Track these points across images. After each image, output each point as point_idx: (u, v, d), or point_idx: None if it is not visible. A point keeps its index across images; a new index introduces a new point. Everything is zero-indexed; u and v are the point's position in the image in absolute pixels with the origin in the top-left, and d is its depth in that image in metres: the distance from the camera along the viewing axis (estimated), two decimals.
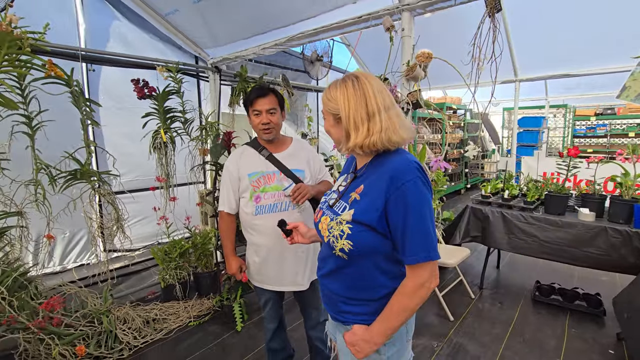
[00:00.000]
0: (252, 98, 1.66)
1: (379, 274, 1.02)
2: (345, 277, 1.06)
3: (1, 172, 2.25)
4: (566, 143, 7.86)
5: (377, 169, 1.00)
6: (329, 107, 1.02)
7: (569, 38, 4.13)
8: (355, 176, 1.08)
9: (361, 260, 1.01)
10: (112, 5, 3.48)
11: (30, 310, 2.12)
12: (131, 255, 3.77)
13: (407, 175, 0.93)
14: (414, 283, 0.94)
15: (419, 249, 0.92)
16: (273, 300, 1.85)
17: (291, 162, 1.73)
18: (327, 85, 1.06)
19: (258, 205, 1.69)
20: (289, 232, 1.33)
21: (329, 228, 1.04)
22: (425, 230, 0.92)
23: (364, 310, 1.04)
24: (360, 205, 0.99)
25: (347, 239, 0.98)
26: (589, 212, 2.69)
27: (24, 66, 2.13)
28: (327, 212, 1.09)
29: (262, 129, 1.67)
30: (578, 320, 2.71)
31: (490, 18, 1.73)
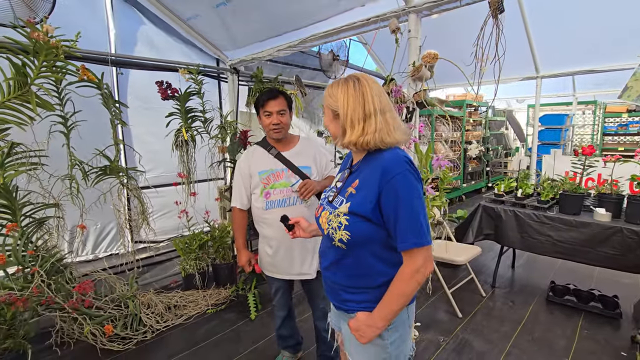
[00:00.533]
0: (264, 100, 1.78)
1: (376, 261, 1.08)
2: (345, 267, 1.12)
3: (41, 168, 2.48)
4: (595, 141, 7.53)
5: (370, 164, 1.07)
6: (329, 103, 1.09)
7: (594, 32, 3.99)
8: (350, 172, 1.16)
9: (358, 249, 1.07)
10: (139, 11, 3.70)
11: (65, 292, 2.35)
12: (156, 247, 4.02)
13: (397, 169, 0.99)
14: (410, 269, 1.00)
15: (410, 236, 0.98)
16: (283, 289, 1.99)
17: (298, 160, 1.84)
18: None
19: (268, 200, 1.81)
20: (291, 226, 1.40)
21: (328, 221, 1.11)
22: (415, 218, 0.99)
23: (366, 297, 1.10)
24: (356, 198, 1.06)
25: (344, 230, 1.05)
26: (605, 212, 2.63)
27: (60, 71, 2.34)
28: (327, 207, 1.17)
29: (272, 129, 1.79)
30: (592, 322, 2.66)
31: (493, 19, 1.75)
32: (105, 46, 3.52)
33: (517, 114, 9.76)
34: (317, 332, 2.02)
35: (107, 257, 3.73)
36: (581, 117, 7.72)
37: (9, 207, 2.36)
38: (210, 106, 3.39)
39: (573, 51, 4.30)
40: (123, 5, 3.61)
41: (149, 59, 3.44)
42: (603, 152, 7.42)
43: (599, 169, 3.11)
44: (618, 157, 2.71)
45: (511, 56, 4.24)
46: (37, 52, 2.14)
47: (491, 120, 7.74)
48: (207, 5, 2.97)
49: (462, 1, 1.93)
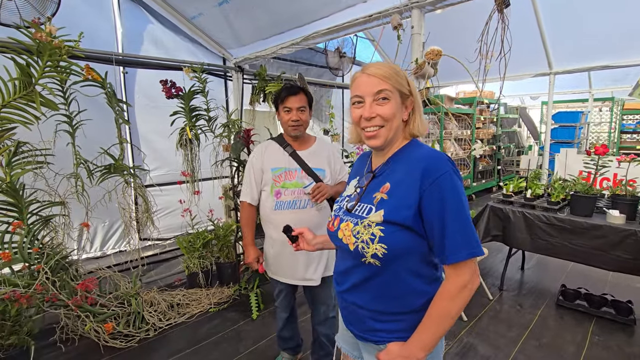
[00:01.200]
0: (284, 96, 1.73)
1: (414, 278, 0.93)
2: (375, 287, 0.95)
3: (47, 166, 2.52)
4: (613, 139, 7.28)
5: (402, 165, 0.95)
6: (397, 83, 0.93)
7: (609, 26, 3.83)
8: (374, 175, 1.01)
9: (395, 264, 0.92)
10: (146, 11, 3.72)
11: (70, 290, 2.38)
12: (162, 244, 4.06)
13: (441, 168, 0.87)
14: (456, 285, 0.86)
15: (461, 246, 0.84)
16: (286, 291, 1.94)
17: (313, 161, 1.78)
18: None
19: (278, 200, 1.75)
20: (294, 238, 1.29)
21: (355, 234, 0.94)
22: (466, 225, 0.86)
23: (399, 326, 0.95)
24: (390, 203, 0.91)
25: (380, 243, 0.89)
26: (618, 215, 2.53)
27: (64, 71, 2.37)
28: (347, 217, 1.00)
29: (291, 125, 1.74)
30: (604, 328, 2.57)
31: (499, 13, 1.69)
32: (112, 45, 3.55)
33: (531, 111, 9.52)
34: (316, 335, 1.99)
35: (116, 254, 3.79)
36: (597, 114, 7.47)
37: (16, 205, 2.40)
38: (215, 104, 3.39)
39: (588, 46, 4.15)
40: (130, 5, 3.63)
41: (153, 58, 3.46)
42: (620, 150, 7.17)
43: (613, 168, 2.99)
44: (633, 156, 2.59)
45: (523, 52, 4.16)
46: (40, 53, 2.16)
47: (503, 118, 7.56)
48: (209, 3, 2.96)
49: None
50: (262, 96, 3.48)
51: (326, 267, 1.82)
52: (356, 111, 0.97)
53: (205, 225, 3.48)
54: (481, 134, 6.64)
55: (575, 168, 4.04)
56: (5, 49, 2.10)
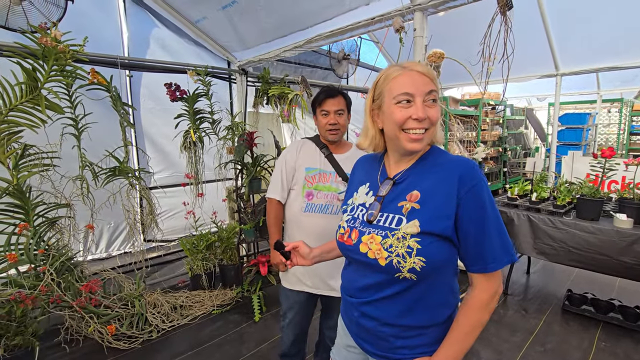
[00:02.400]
0: (322, 99, 1.66)
1: (446, 290, 0.91)
2: (404, 302, 0.90)
3: (53, 169, 2.56)
4: (622, 140, 7.17)
5: (432, 171, 0.91)
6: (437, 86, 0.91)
7: (617, 27, 3.78)
8: (393, 182, 0.95)
9: (432, 277, 0.87)
10: (152, 15, 3.76)
11: (74, 291, 2.41)
12: (166, 246, 4.09)
13: (476, 176, 0.85)
14: (489, 293, 0.85)
15: (502, 253, 0.83)
16: (300, 305, 1.75)
17: (348, 166, 1.63)
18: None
19: (309, 202, 1.66)
20: (287, 254, 1.15)
21: (386, 247, 0.87)
22: (503, 231, 0.85)
23: (424, 341, 0.91)
24: (425, 213, 0.86)
25: (418, 256, 0.83)
26: (626, 218, 2.48)
27: (70, 75, 2.40)
28: (370, 229, 0.92)
29: (329, 130, 1.66)
30: (610, 334, 2.52)
31: (502, 15, 1.67)
32: (118, 48, 3.59)
33: (538, 113, 9.42)
34: (322, 337, 1.94)
35: (120, 256, 3.82)
36: (606, 115, 7.36)
37: (23, 207, 2.44)
38: (219, 107, 3.42)
39: (595, 47, 4.09)
40: (136, 9, 3.67)
41: (158, 61, 3.49)
42: (630, 152, 7.06)
43: (621, 171, 2.94)
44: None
45: (529, 53, 4.12)
46: (46, 57, 2.20)
47: (509, 120, 7.48)
48: (213, 7, 2.99)
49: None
50: (266, 99, 3.49)
51: None
52: (402, 111, 0.88)
53: (208, 227, 3.50)
54: (487, 136, 6.58)
55: (582, 171, 3.99)
56: (12, 54, 2.14)
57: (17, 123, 2.30)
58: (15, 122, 2.30)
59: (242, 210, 3.15)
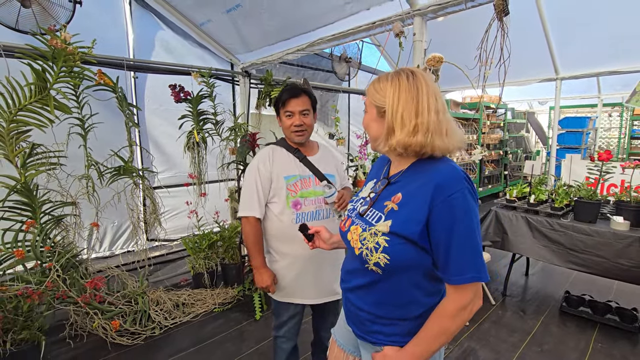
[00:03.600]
0: (285, 99, 1.56)
1: (414, 289, 0.93)
2: (376, 293, 0.96)
3: (59, 167, 2.61)
4: (623, 144, 7.19)
5: (418, 176, 0.92)
6: (374, 99, 0.94)
7: (618, 31, 3.82)
8: (388, 182, 0.99)
9: (397, 275, 0.92)
10: (157, 17, 3.82)
11: (79, 287, 2.45)
12: (169, 245, 4.14)
13: (455, 186, 0.84)
14: (456, 305, 0.86)
15: (467, 268, 0.83)
16: (299, 317, 1.72)
17: (323, 167, 1.65)
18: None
19: (299, 212, 1.57)
20: (310, 236, 1.26)
21: (361, 239, 0.94)
22: (474, 247, 0.84)
23: (396, 330, 0.96)
24: (399, 216, 0.90)
25: (383, 253, 0.89)
26: (622, 221, 2.52)
27: (77, 76, 2.46)
28: (358, 221, 1.00)
29: (294, 131, 1.57)
30: (607, 336, 2.55)
31: (499, 21, 1.72)
32: (124, 50, 3.66)
33: (539, 116, 9.45)
34: (318, 338, 1.93)
35: (124, 254, 3.87)
36: (607, 119, 7.38)
37: (30, 205, 2.49)
38: (222, 108, 3.47)
39: (595, 51, 4.13)
40: (142, 12, 3.74)
41: (162, 63, 3.56)
42: (631, 156, 7.08)
43: (619, 175, 2.97)
44: (638, 162, 2.58)
45: (529, 57, 4.16)
46: (55, 58, 2.25)
47: (510, 123, 7.52)
48: (218, 10, 3.05)
49: (467, 4, 1.90)
50: (268, 100, 3.55)
51: None
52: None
53: (211, 227, 3.55)
54: (487, 139, 6.62)
55: (581, 174, 4.02)
56: (23, 55, 2.20)
57: (26, 122, 2.36)
58: (24, 122, 2.36)
59: None
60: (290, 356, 1.75)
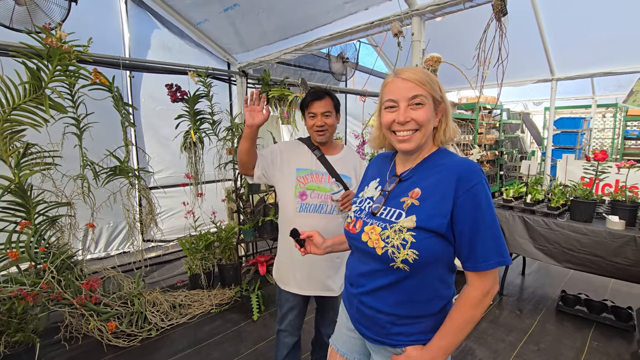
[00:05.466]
0: (309, 101, 1.68)
1: (438, 283, 0.95)
2: (401, 292, 0.95)
3: (54, 167, 2.58)
4: (616, 145, 7.26)
5: (434, 171, 0.95)
6: (431, 89, 0.94)
7: (612, 33, 3.86)
8: (399, 179, 1.01)
9: (424, 270, 0.92)
10: (153, 16, 3.80)
11: (74, 289, 2.43)
12: (165, 246, 4.10)
13: (475, 177, 0.89)
14: (480, 291, 0.89)
15: (492, 254, 0.87)
16: (298, 308, 1.77)
17: (340, 167, 1.73)
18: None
19: (303, 202, 1.67)
20: (302, 242, 1.24)
21: (383, 238, 0.93)
22: (497, 233, 0.88)
23: (420, 328, 0.96)
24: (423, 210, 0.91)
25: (411, 248, 0.89)
26: (618, 220, 2.54)
27: (73, 75, 2.43)
28: (372, 220, 0.99)
29: (316, 131, 1.68)
30: (603, 334, 2.57)
31: (497, 22, 1.72)
32: (120, 49, 3.62)
33: (534, 117, 9.52)
34: (319, 336, 1.96)
35: (119, 255, 3.84)
36: (601, 120, 7.46)
37: (24, 205, 2.46)
38: (219, 108, 3.45)
39: (590, 53, 4.17)
40: (138, 10, 3.71)
41: (159, 63, 3.53)
42: (624, 157, 7.15)
43: (614, 174, 3.00)
44: (633, 162, 2.61)
45: (525, 58, 4.19)
46: (50, 57, 2.23)
47: (506, 123, 7.56)
48: (215, 10, 3.03)
49: (465, 4, 1.90)
50: (266, 100, 3.53)
51: (342, 279, 1.76)
52: (388, 115, 0.97)
53: (207, 228, 3.53)
54: (483, 140, 6.64)
55: (577, 174, 4.05)
56: (17, 54, 2.17)
57: (20, 122, 2.33)
58: (18, 121, 2.33)
59: (242, 210, 3.18)
60: (291, 351, 1.80)
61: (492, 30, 1.87)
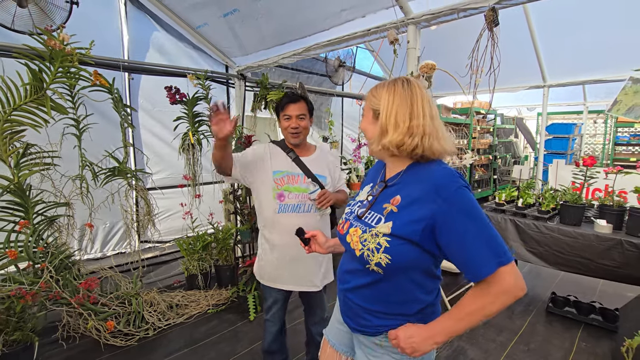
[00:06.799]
0: (284, 103, 1.74)
1: (414, 288, 0.97)
2: (378, 292, 1.00)
3: (53, 168, 2.60)
4: (607, 150, 7.41)
5: (415, 179, 0.96)
6: (371, 103, 1.02)
7: (603, 41, 3.97)
8: (385, 185, 1.04)
9: (397, 275, 0.95)
10: (152, 19, 3.83)
11: (72, 288, 2.44)
12: (162, 247, 4.12)
13: (452, 184, 0.88)
14: (497, 289, 0.84)
15: (489, 256, 0.84)
16: (281, 302, 1.87)
17: (315, 167, 1.80)
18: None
19: (282, 203, 1.73)
20: (307, 240, 1.31)
21: (362, 241, 0.98)
22: (489, 233, 0.85)
23: (397, 323, 0.99)
24: (399, 217, 0.93)
25: (384, 253, 0.92)
26: (605, 224, 2.62)
27: (74, 77, 2.46)
28: (357, 223, 1.03)
29: (291, 133, 1.74)
30: (591, 335, 2.64)
31: (489, 32, 1.79)
32: (118, 51, 3.65)
33: (528, 122, 9.67)
34: (311, 336, 2.01)
35: (115, 256, 3.85)
36: (592, 126, 7.61)
37: (23, 205, 2.48)
38: None
39: (582, 60, 4.28)
40: (137, 12, 3.75)
41: (158, 65, 3.57)
42: (615, 162, 7.30)
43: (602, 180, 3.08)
44: (620, 168, 2.69)
45: (517, 65, 4.28)
46: (52, 59, 2.26)
47: (499, 128, 7.68)
48: (214, 14, 3.08)
49: (459, 14, 1.97)
50: (264, 103, 3.58)
51: (325, 276, 1.84)
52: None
53: (205, 229, 3.56)
54: (477, 144, 6.75)
55: (568, 178, 4.14)
56: (20, 55, 2.20)
57: (20, 122, 2.35)
58: (19, 122, 2.35)
59: (239, 212, 3.22)
60: (276, 336, 1.93)
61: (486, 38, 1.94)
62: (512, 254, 3.07)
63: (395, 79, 1.01)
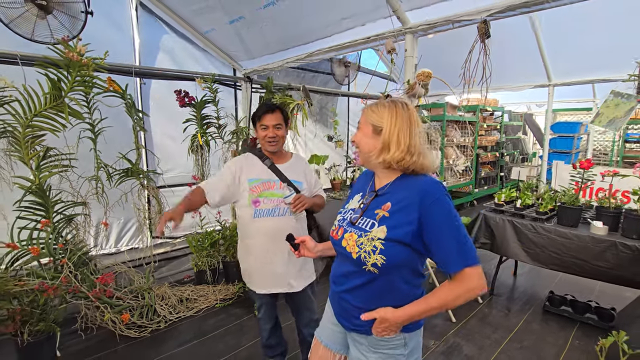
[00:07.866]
0: (260, 114, 1.81)
1: (403, 284, 1.09)
2: (371, 291, 1.11)
3: (71, 169, 2.77)
4: (617, 148, 7.32)
5: (404, 188, 1.10)
6: (371, 119, 1.12)
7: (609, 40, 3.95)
8: (376, 195, 1.16)
9: (390, 273, 1.07)
10: (162, 22, 3.96)
11: (90, 283, 2.62)
12: (172, 243, 4.30)
13: (437, 192, 1.03)
14: (463, 287, 1.00)
15: (457, 258, 0.99)
16: (267, 303, 1.98)
17: (291, 174, 1.88)
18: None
19: (257, 209, 1.79)
20: (296, 246, 1.40)
21: (358, 244, 1.09)
22: (462, 239, 1.00)
23: None
24: (391, 221, 1.06)
25: (380, 254, 1.04)
26: (601, 226, 2.66)
27: (89, 84, 2.61)
28: (351, 229, 1.14)
29: (268, 141, 1.82)
30: (586, 333, 2.71)
31: (481, 43, 1.86)
32: (130, 55, 3.80)
33: (537, 118, 9.57)
34: (302, 337, 2.08)
35: (129, 251, 4.04)
36: None
37: (43, 205, 2.65)
38: (225, 113, 3.62)
39: (587, 59, 4.27)
40: (147, 17, 3.88)
41: (169, 70, 3.70)
42: (624, 159, 7.22)
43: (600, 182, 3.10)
44: (616, 171, 2.73)
45: (523, 64, 4.30)
46: (70, 69, 2.40)
47: (507, 125, 7.65)
48: (221, 20, 3.19)
49: (454, 24, 2.04)
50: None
51: (303, 277, 1.92)
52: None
53: (213, 226, 3.71)
54: (484, 141, 6.75)
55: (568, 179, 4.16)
56: (41, 66, 2.35)
57: (41, 127, 2.51)
58: (39, 127, 2.51)
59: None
60: (272, 332, 2.06)
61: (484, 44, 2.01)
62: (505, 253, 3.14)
63: (394, 100, 1.13)
